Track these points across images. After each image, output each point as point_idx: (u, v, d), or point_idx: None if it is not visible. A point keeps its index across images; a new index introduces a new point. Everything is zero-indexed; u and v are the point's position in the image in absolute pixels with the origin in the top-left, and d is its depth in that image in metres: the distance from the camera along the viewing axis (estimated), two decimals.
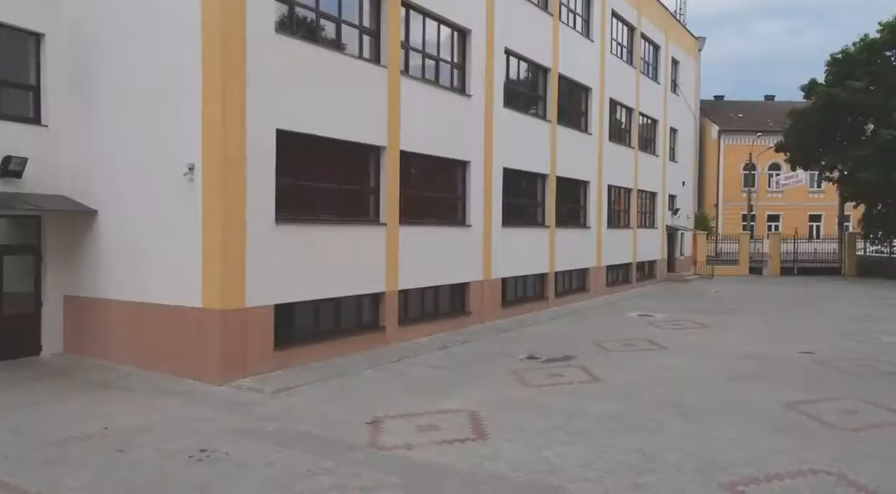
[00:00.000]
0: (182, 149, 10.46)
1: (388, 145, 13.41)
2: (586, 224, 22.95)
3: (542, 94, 19.98)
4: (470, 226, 16.27)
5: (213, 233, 10.22)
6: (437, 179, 15.59)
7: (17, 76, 11.40)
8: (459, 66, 16.05)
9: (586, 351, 13.69)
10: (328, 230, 12.10)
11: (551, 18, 19.90)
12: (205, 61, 10.20)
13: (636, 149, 27.05)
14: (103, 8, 11.39)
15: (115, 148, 11.32)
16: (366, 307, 13.31)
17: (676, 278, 31.36)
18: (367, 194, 13.33)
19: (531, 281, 19.62)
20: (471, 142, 16.22)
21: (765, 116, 56.87)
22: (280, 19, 11.20)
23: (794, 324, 17.92)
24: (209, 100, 10.18)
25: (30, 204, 10.71)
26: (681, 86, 32.77)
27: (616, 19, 25.02)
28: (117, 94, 11.28)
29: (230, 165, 10.21)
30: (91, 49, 11.54)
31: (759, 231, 52.81)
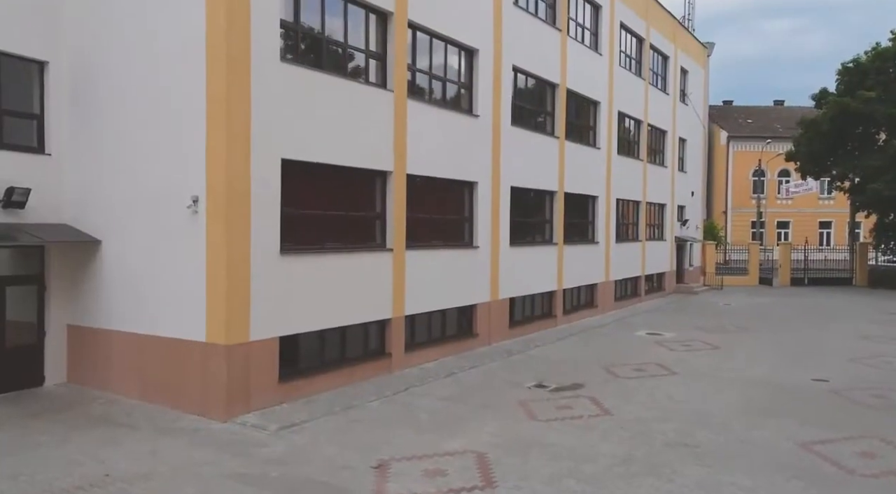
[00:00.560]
0: (186, 181, 10.32)
1: (395, 170, 13.25)
2: (594, 239, 22.72)
3: (551, 110, 19.78)
4: (477, 247, 16.09)
5: (216, 267, 10.07)
6: (444, 201, 15.41)
7: (21, 105, 11.30)
8: (466, 85, 15.88)
9: (595, 377, 13.48)
10: (334, 258, 11.94)
11: (559, 34, 19.70)
12: (209, 92, 10.06)
13: (645, 161, 26.80)
14: (106, 35, 11.27)
15: (118, 177, 11.20)
16: (372, 334, 13.14)
17: (685, 290, 31.08)
18: (374, 219, 13.17)
19: (539, 299, 19.41)
20: (478, 163, 16.04)
21: (774, 122, 56.49)
22: (285, 46, 11.05)
23: (806, 346, 17.63)
24: (213, 132, 10.04)
25: (33, 235, 10.60)
26: (689, 96, 32.49)
27: (625, 31, 24.80)
28: (120, 123, 11.16)
29: (234, 198, 10.07)
30: (94, 76, 11.42)
31: (769, 238, 52.48)
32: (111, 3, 11.20)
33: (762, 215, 50.24)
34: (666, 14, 29.13)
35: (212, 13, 9.99)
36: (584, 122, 22.00)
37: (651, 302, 27.01)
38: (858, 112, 30.49)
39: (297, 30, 11.39)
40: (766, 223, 52.04)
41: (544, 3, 19.32)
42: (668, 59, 29.39)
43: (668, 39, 29.01)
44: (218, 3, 9.93)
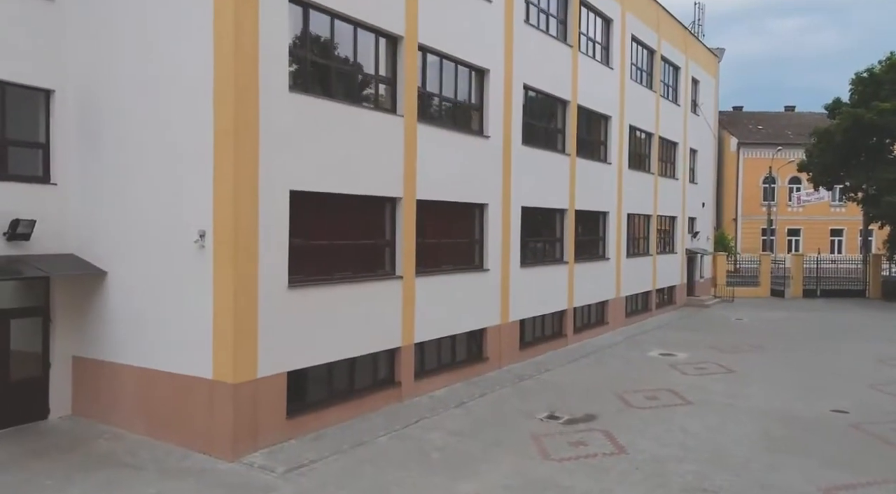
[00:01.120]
0: (192, 214, 10.13)
1: (404, 195, 13.03)
2: (605, 255, 22.43)
3: (561, 127, 19.52)
4: (488, 270, 15.85)
5: (223, 302, 9.88)
6: (454, 224, 15.18)
7: (26, 134, 11.15)
8: (477, 106, 15.64)
9: (608, 407, 13.21)
10: (343, 289, 11.73)
11: (570, 50, 19.45)
12: (216, 125, 9.86)
13: (656, 174, 26.49)
14: (113, 65, 11.09)
15: (124, 208, 11.02)
16: (381, 363, 12.92)
17: (696, 303, 30.71)
18: (383, 247, 12.95)
19: (549, 318, 19.15)
20: (489, 184, 15.80)
21: (785, 128, 55.98)
22: (294, 74, 10.84)
23: (823, 369, 17.28)
24: (221, 165, 9.85)
25: (38, 268, 10.43)
26: (700, 106, 32.14)
27: (636, 44, 24.51)
28: (127, 153, 10.98)
29: (242, 233, 9.87)
30: (101, 105, 11.25)
31: (779, 246, 52.00)
32: (117, 32, 11.02)
33: (773, 223, 49.83)
34: (677, 24, 28.82)
35: (220, 45, 9.80)
36: (594, 138, 21.73)
37: (662, 317, 26.69)
38: (873, 123, 30.05)
39: (305, 58, 11.18)
40: (777, 231, 51.59)
41: (555, 20, 19.08)
42: (679, 69, 29.07)
43: (679, 50, 28.69)
44: (226, 36, 9.74)
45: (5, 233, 10.47)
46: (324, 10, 11.32)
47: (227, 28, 9.72)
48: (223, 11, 9.76)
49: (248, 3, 9.85)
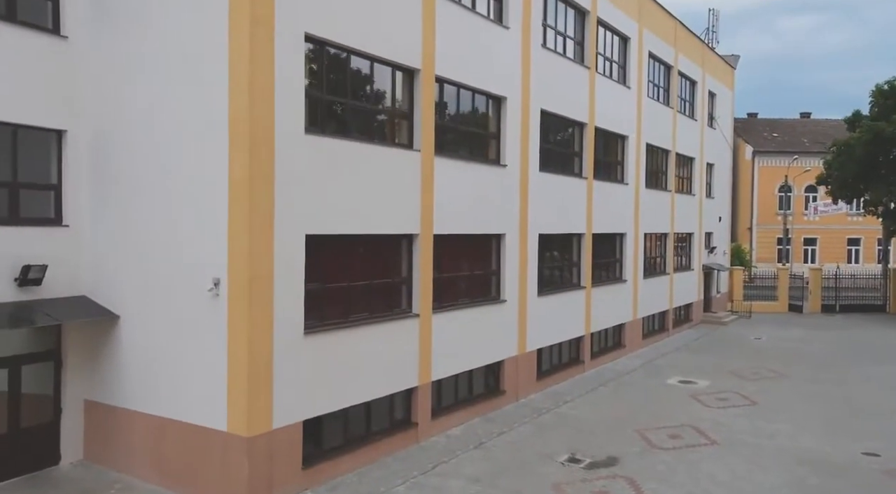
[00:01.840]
0: (206, 262, 9.88)
1: (421, 232, 12.74)
2: (622, 277, 22.06)
3: (578, 150, 19.17)
4: (504, 301, 15.53)
5: (238, 352, 9.62)
6: (471, 256, 14.86)
7: (38, 176, 10.95)
8: (494, 135, 15.33)
9: (630, 447, 12.86)
10: (359, 331, 11.44)
11: (588, 71, 19.10)
12: (231, 172, 9.62)
13: (672, 191, 26.08)
14: (127, 104, 10.86)
15: (137, 251, 10.79)
16: (398, 404, 12.64)
17: (713, 320, 30.22)
18: (399, 285, 12.66)
19: (566, 345, 18.80)
20: (506, 214, 15.48)
21: (801, 136, 55.26)
22: (309, 115, 10.57)
23: (848, 400, 16.84)
24: (235, 213, 9.60)
25: (50, 315, 10.22)
26: (717, 120, 31.68)
27: (653, 60, 24.11)
28: (140, 196, 10.75)
29: (257, 280, 9.61)
30: (114, 147, 11.03)
31: (795, 255, 51.30)
32: (132, 72, 10.78)
33: (789, 232, 49.18)
34: (694, 38, 28.38)
35: (235, 90, 9.55)
36: (611, 158, 21.36)
37: (679, 337, 26.25)
38: (894, 137, 29.48)
39: (321, 97, 10.91)
40: (793, 240, 50.91)
41: (572, 41, 18.74)
42: (695, 84, 28.63)
43: (696, 64, 28.25)
44: (241, 80, 9.49)
45: (17, 278, 10.26)
46: (340, 48, 11.06)
47: (242, 71, 9.47)
48: (238, 53, 9.52)
49: (263, 45, 9.60)
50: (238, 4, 9.50)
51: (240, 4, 9.49)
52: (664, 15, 24.77)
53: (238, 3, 9.51)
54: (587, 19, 19.18)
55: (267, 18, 9.65)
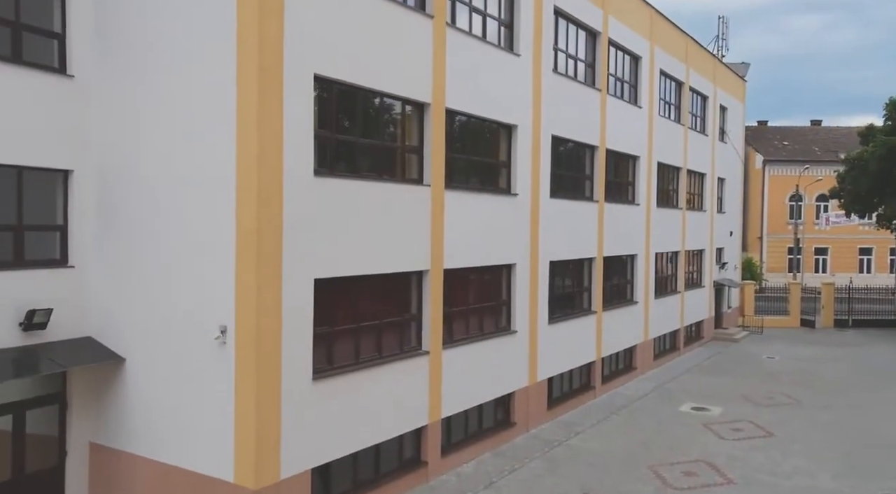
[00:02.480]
0: (214, 308, 9.70)
1: (431, 268, 12.53)
2: (633, 299, 21.78)
3: (589, 173, 18.92)
4: (515, 331, 15.29)
5: (245, 400, 9.43)
6: (481, 288, 14.62)
7: (44, 217, 10.79)
8: (505, 163, 15.10)
9: (645, 487, 12.62)
10: (368, 373, 11.24)
11: (599, 93, 18.85)
12: (239, 217, 9.43)
13: (683, 209, 25.78)
14: (134, 145, 10.67)
15: (144, 294, 10.61)
16: (407, 443, 12.42)
17: (725, 337, 29.87)
18: (409, 322, 12.45)
19: (577, 371, 18.54)
20: (517, 243, 15.26)
21: (811, 144, 54.75)
22: (318, 155, 10.37)
23: (865, 431, 16.49)
24: (243, 258, 9.41)
25: (55, 361, 10.06)
26: (728, 134, 31.34)
27: (664, 77, 23.84)
28: (147, 239, 10.57)
29: (265, 328, 9.42)
30: (120, 186, 10.85)
31: (806, 265, 50.81)
32: (140, 112, 10.59)
33: (800, 242, 48.70)
34: (705, 53, 28.08)
35: (243, 135, 9.36)
36: (622, 179, 21.09)
37: (691, 356, 25.93)
38: None
39: (330, 137, 10.71)
40: (804, 250, 50.42)
41: (583, 63, 18.49)
42: (707, 99, 28.32)
43: (707, 79, 27.95)
44: (249, 125, 9.30)
45: (21, 323, 10.10)
46: (348, 86, 10.86)
47: (251, 116, 9.29)
48: (246, 98, 9.33)
49: (271, 88, 9.41)
50: (246, 48, 9.32)
51: (248, 48, 9.31)
52: (675, 32, 24.49)
53: (246, 46, 9.33)
54: (598, 40, 18.94)
55: (275, 62, 9.47)
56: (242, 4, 9.36)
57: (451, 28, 12.84)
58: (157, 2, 10.31)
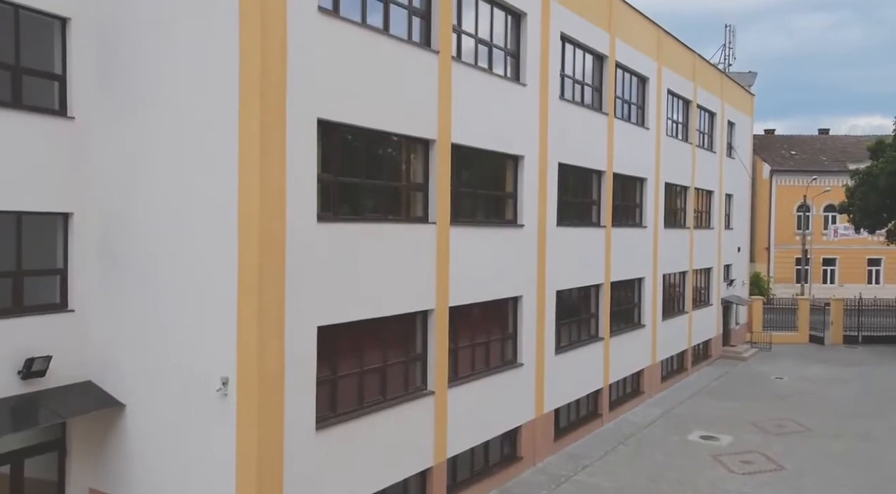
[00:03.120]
0: (215, 358, 9.52)
1: (437, 307, 12.33)
2: (641, 322, 21.53)
3: (597, 198, 18.70)
4: (521, 364, 15.07)
5: (247, 453, 9.24)
6: (487, 323, 14.38)
7: (43, 260, 10.65)
8: (511, 194, 14.90)
9: None
10: (372, 418, 11.03)
11: (606, 117, 18.63)
12: (241, 266, 9.25)
13: (691, 228, 25.52)
14: (134, 189, 10.48)
15: (144, 340, 10.44)
16: (412, 486, 12.21)
17: (733, 355, 29.55)
18: (413, 361, 12.25)
19: (584, 399, 18.29)
20: (523, 275, 15.04)
21: (819, 153, 54.33)
22: (321, 200, 10.18)
23: (878, 461, 16.19)
24: (244, 308, 9.23)
25: (55, 412, 9.90)
26: (736, 149, 31.06)
27: (672, 96, 23.60)
28: (147, 283, 10.40)
29: (267, 380, 9.24)
30: (121, 230, 10.67)
31: (814, 276, 50.42)
32: (140, 157, 10.41)
33: (807, 252, 48.31)
34: (712, 70, 27.83)
35: (244, 184, 9.19)
36: (630, 202, 20.86)
37: (699, 376, 25.64)
38: None
39: (333, 180, 10.53)
40: (812, 260, 50.02)
41: (590, 88, 18.28)
42: (714, 115, 28.06)
43: (714, 95, 27.68)
44: (251, 173, 9.13)
45: (20, 371, 9.95)
46: (353, 127, 10.67)
47: (252, 164, 9.11)
48: (248, 145, 9.16)
49: (274, 135, 9.24)
50: (248, 94, 9.16)
51: (250, 94, 9.14)
52: (682, 50, 24.26)
53: (248, 92, 9.16)
54: (605, 64, 18.73)
55: (278, 107, 9.30)
56: (245, 49, 9.20)
57: (456, 62, 12.66)
58: (159, 44, 10.16)
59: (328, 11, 10.12)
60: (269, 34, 9.17)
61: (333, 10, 10.29)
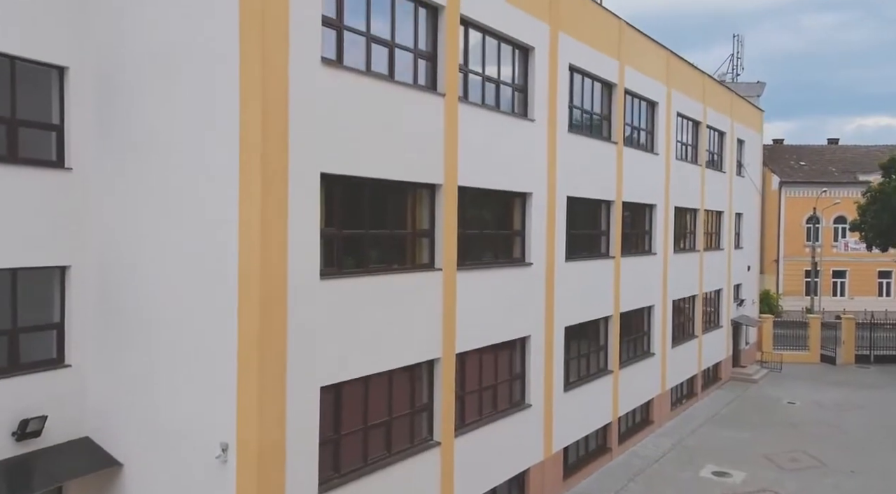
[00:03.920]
0: (214, 420, 9.24)
1: (443, 356, 12.01)
2: (650, 350, 21.16)
3: (605, 229, 18.35)
4: (530, 405, 14.74)
5: None
6: (495, 365, 14.03)
7: (39, 315, 10.38)
8: (518, 232, 14.58)
9: None
10: (377, 476, 10.71)
11: (615, 146, 18.29)
12: (241, 327, 8.96)
13: (701, 251, 25.13)
14: (133, 242, 10.21)
15: (142, 399, 10.15)
16: None
17: (743, 377, 29.09)
18: (420, 412, 11.93)
19: (593, 434, 17.93)
20: (531, 314, 14.71)
21: (829, 164, 53.78)
22: (325, 257, 9.89)
23: None
24: (245, 370, 8.93)
25: (51, 476, 9.64)
26: (746, 167, 30.65)
27: (681, 118, 23.23)
28: (145, 341, 10.12)
29: (267, 443, 8.95)
30: (119, 284, 10.40)
31: (824, 288, 49.87)
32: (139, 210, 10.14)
33: (817, 265, 47.76)
34: (722, 89, 27.44)
35: (245, 241, 8.91)
36: (638, 230, 20.50)
37: (709, 401, 25.22)
38: None
39: (337, 234, 10.23)
40: (821, 273, 49.47)
41: (599, 117, 17.95)
42: (724, 134, 27.67)
43: (724, 114, 27.30)
44: (252, 232, 8.84)
45: (15, 432, 9.69)
46: (357, 179, 10.38)
47: (254, 223, 8.83)
48: (249, 204, 8.88)
49: (276, 191, 8.95)
50: (249, 149, 8.87)
51: (251, 149, 8.85)
52: (692, 72, 23.91)
53: (249, 148, 8.87)
54: (614, 92, 18.40)
55: (280, 163, 9.01)
56: (246, 102, 8.92)
57: (463, 103, 12.36)
58: (159, 94, 9.89)
59: (331, 62, 9.84)
60: (270, 87, 8.89)
61: (337, 59, 10.01)
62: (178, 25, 9.65)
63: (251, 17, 8.86)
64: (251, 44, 8.85)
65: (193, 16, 9.50)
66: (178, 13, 9.64)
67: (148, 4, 9.93)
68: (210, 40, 9.30)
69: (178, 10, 9.65)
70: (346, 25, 10.18)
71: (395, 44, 11.07)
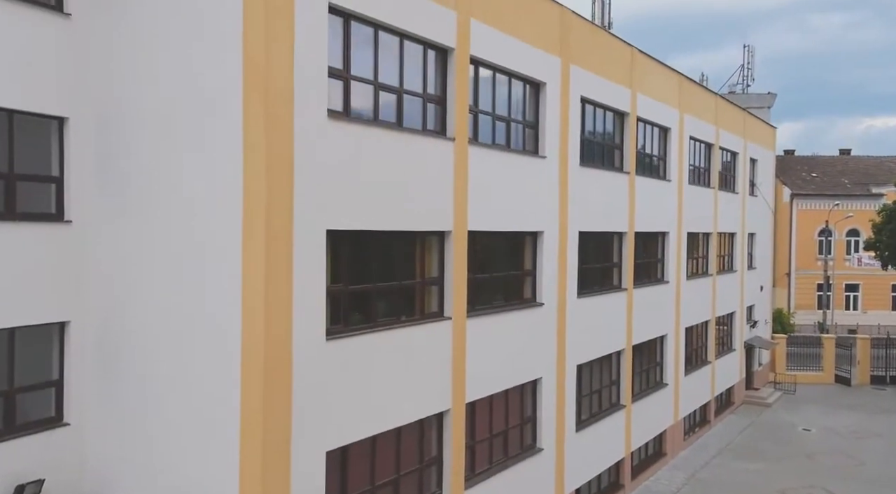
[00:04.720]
0: (217, 487, 8.90)
1: (453, 408, 11.66)
2: (663, 381, 20.74)
3: (617, 261, 17.97)
4: (542, 449, 14.35)
5: None
6: (505, 411, 13.63)
7: (37, 372, 10.07)
8: (529, 272, 14.21)
9: None
10: None
11: (627, 177, 17.91)
12: (244, 395, 8.63)
13: (714, 275, 24.68)
14: (134, 298, 9.89)
15: (144, 459, 9.82)
16: None
17: (756, 401, 28.59)
18: (429, 466, 11.57)
19: (605, 471, 17.51)
20: (541, 356, 14.35)
21: (841, 175, 53.10)
22: (332, 316, 9.56)
23: None
24: (248, 439, 8.60)
25: None
26: (759, 186, 30.18)
27: (694, 142, 22.82)
28: (147, 399, 9.78)
29: None
30: (120, 340, 10.06)
31: (836, 302, 49.21)
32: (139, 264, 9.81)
33: (829, 278, 47.12)
34: (734, 109, 26.99)
35: (248, 304, 8.58)
36: (651, 259, 20.10)
37: (722, 428, 24.75)
38: None
39: (344, 291, 9.90)
40: (834, 286, 48.80)
41: (611, 146, 17.58)
42: (737, 154, 27.23)
43: (737, 135, 26.86)
44: (256, 293, 8.52)
45: None
46: (364, 233, 10.05)
47: (258, 281, 8.50)
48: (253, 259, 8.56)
49: (280, 249, 8.64)
50: (253, 208, 8.55)
51: (255, 208, 8.54)
52: (704, 94, 23.54)
53: (253, 206, 8.56)
54: (626, 120, 18.02)
55: (284, 221, 8.70)
56: (249, 159, 8.61)
57: (473, 145, 12.02)
58: (160, 146, 9.57)
59: (338, 114, 9.52)
60: (273, 143, 8.58)
61: (343, 110, 9.70)
62: (180, 77, 9.33)
63: (255, 69, 8.56)
64: (255, 98, 8.54)
65: (195, 67, 9.20)
66: (180, 64, 9.34)
67: (149, 54, 9.63)
68: (212, 93, 8.99)
69: (179, 60, 9.34)
70: (353, 75, 9.86)
71: (403, 89, 10.75)
